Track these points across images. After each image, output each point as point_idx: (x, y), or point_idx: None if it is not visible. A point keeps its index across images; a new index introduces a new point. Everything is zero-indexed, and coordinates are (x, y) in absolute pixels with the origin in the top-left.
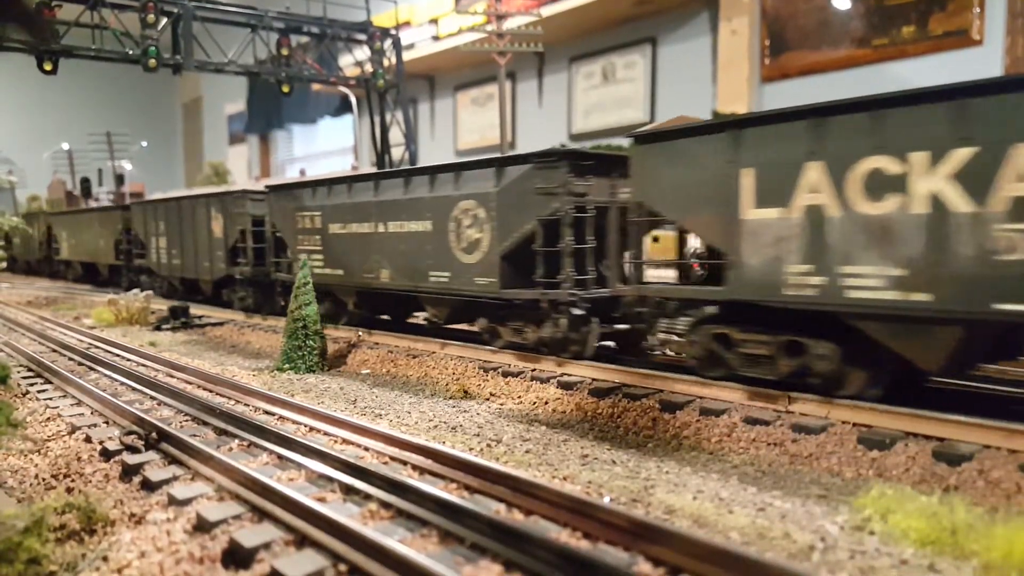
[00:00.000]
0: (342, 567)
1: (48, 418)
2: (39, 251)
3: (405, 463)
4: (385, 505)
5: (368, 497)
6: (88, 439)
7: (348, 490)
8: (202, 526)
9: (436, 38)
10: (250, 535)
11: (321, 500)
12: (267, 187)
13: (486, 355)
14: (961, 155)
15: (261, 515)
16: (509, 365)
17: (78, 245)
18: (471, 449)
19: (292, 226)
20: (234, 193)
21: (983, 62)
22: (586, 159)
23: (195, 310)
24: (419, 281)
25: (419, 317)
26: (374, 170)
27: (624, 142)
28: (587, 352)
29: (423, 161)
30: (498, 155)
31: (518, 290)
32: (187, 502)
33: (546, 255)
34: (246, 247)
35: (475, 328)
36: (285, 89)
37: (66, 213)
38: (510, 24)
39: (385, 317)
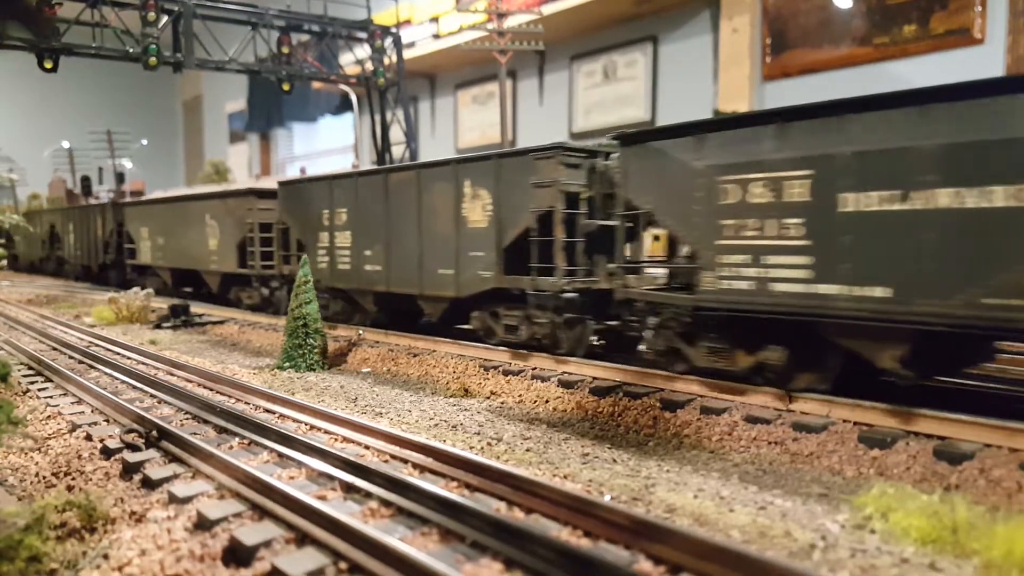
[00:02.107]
0: (343, 565)
1: (49, 416)
2: (64, 251)
3: (406, 461)
4: (386, 503)
5: (369, 495)
6: (89, 437)
7: (349, 488)
8: (203, 524)
9: (437, 36)
10: (251, 533)
11: (322, 498)
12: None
13: (486, 353)
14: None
15: (262, 513)
16: (509, 364)
17: (171, 246)
18: (472, 447)
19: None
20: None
21: (985, 61)
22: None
23: (202, 309)
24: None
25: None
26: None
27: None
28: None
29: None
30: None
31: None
32: (188, 500)
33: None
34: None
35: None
36: (286, 87)
37: (147, 203)
38: (511, 22)
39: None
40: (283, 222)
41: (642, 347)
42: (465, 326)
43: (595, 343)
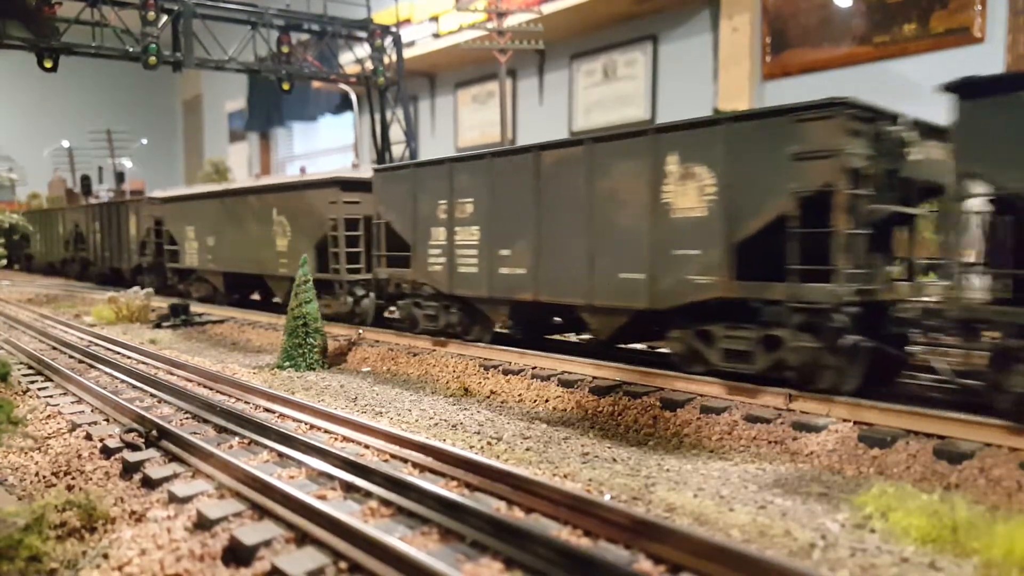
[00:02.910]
0: (343, 564)
1: (48, 416)
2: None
3: (406, 461)
4: (386, 503)
5: (369, 495)
6: (88, 437)
7: (349, 488)
8: (202, 523)
9: (437, 35)
10: (250, 532)
11: (322, 498)
12: None
13: (486, 353)
14: None
15: (261, 513)
16: (510, 363)
17: (226, 248)
18: (472, 447)
19: None
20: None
21: (985, 60)
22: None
23: (197, 308)
24: None
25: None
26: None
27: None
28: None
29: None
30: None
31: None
32: (187, 500)
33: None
34: None
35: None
36: (285, 86)
37: (194, 198)
38: (511, 21)
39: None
40: (380, 217)
41: (943, 374)
42: (636, 345)
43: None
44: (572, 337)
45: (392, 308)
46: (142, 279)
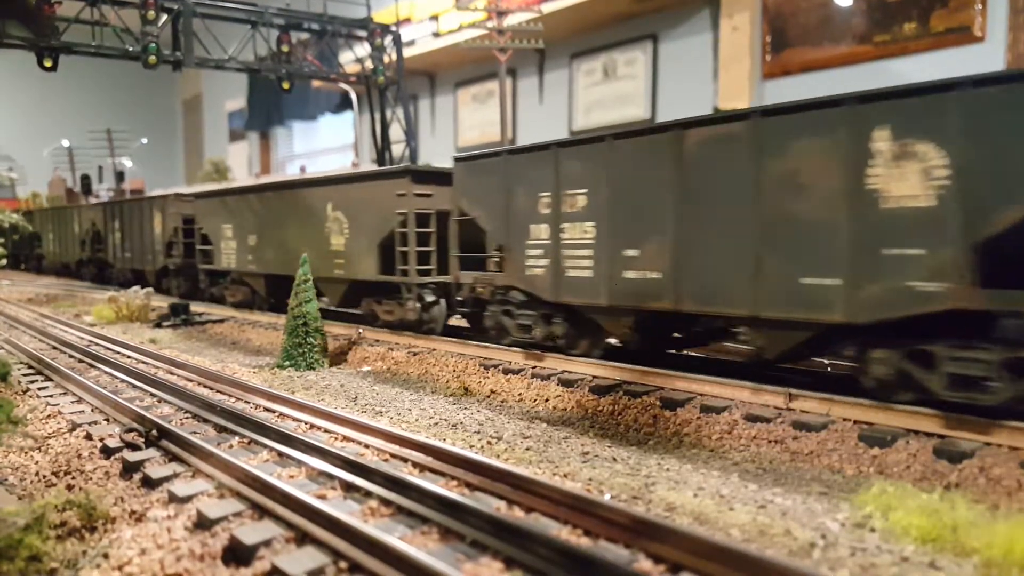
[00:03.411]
0: (343, 564)
1: (49, 415)
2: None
3: (406, 460)
4: (386, 502)
5: (369, 494)
6: (89, 436)
7: (349, 487)
8: (202, 523)
9: (437, 35)
10: (250, 532)
11: (322, 497)
12: None
13: (486, 352)
14: None
15: (261, 512)
16: (510, 362)
17: (270, 247)
18: (472, 446)
19: None
20: None
21: (985, 59)
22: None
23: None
24: None
25: None
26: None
27: None
28: None
29: (423, 159)
30: None
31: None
32: (187, 499)
33: None
34: None
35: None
36: (285, 86)
37: (232, 193)
38: (511, 21)
39: None
40: (464, 212)
41: None
42: (807, 364)
43: None
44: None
45: (459, 314)
46: (169, 282)
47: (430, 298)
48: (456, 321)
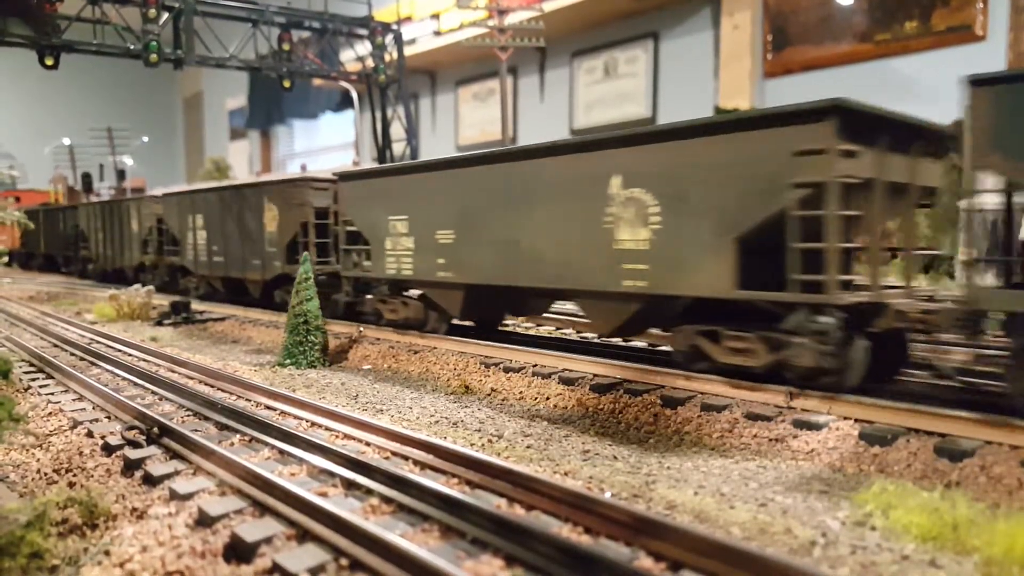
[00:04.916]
0: (343, 561)
1: (50, 413)
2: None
3: (407, 458)
4: (387, 500)
5: (370, 492)
6: (90, 434)
7: (350, 485)
8: (204, 520)
9: (437, 33)
10: (251, 529)
11: (323, 495)
12: None
13: (487, 350)
14: None
15: (262, 510)
16: (511, 360)
17: (476, 248)
18: (472, 444)
19: None
20: None
21: (986, 57)
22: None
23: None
24: None
25: None
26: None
27: None
28: None
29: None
30: None
31: None
32: (189, 497)
33: None
34: None
35: None
36: (286, 84)
37: (413, 171)
38: (512, 19)
39: None
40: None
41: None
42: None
43: None
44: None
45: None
46: (337, 298)
47: (838, 333)
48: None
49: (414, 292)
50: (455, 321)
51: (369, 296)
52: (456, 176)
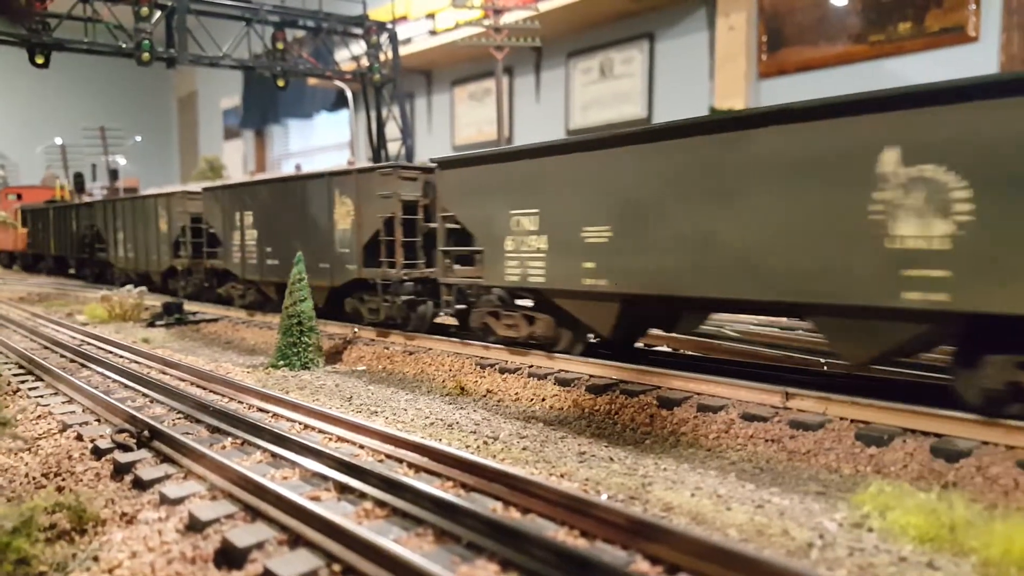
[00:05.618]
0: (336, 567)
1: (39, 416)
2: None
3: (401, 461)
4: (380, 504)
5: (363, 496)
6: (79, 437)
7: (343, 489)
8: (194, 525)
9: (433, 32)
10: (243, 535)
11: (315, 499)
12: None
13: (482, 351)
14: None
15: (254, 514)
16: (506, 361)
17: (644, 249)
18: (467, 447)
19: None
20: None
21: (979, 59)
22: None
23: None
24: None
25: None
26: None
27: None
28: None
29: (419, 158)
30: None
31: None
32: (179, 501)
33: None
34: None
35: None
36: (280, 83)
37: (546, 152)
38: (507, 19)
39: None
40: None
41: None
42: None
43: None
44: None
45: None
46: (395, 307)
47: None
48: None
49: (526, 302)
50: (592, 339)
51: (476, 308)
52: (615, 157)
